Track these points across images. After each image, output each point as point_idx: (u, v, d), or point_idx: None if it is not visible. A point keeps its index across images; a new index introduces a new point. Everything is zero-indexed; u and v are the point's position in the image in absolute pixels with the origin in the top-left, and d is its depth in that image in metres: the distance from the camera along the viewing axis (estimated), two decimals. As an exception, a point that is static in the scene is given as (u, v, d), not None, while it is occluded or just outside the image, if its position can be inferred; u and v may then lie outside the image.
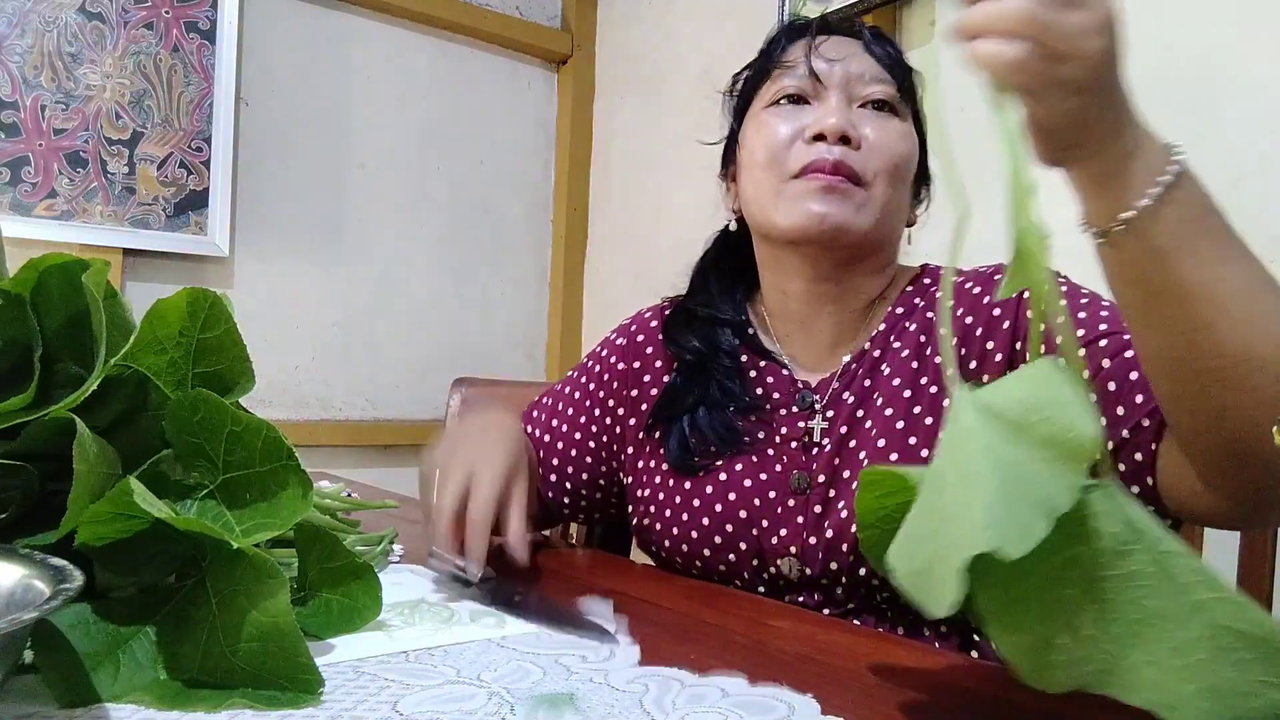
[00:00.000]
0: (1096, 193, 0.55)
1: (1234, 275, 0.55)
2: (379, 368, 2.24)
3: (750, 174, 0.85)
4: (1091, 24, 0.49)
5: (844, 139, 0.80)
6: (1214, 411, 0.58)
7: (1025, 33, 0.48)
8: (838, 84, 0.83)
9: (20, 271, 0.57)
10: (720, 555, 0.83)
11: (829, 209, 0.79)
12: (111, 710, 0.46)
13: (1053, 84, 0.49)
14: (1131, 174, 0.53)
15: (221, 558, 0.50)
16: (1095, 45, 0.49)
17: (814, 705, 0.50)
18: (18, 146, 1.76)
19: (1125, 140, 0.53)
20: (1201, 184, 0.55)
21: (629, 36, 2.48)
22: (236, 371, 0.61)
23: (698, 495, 0.85)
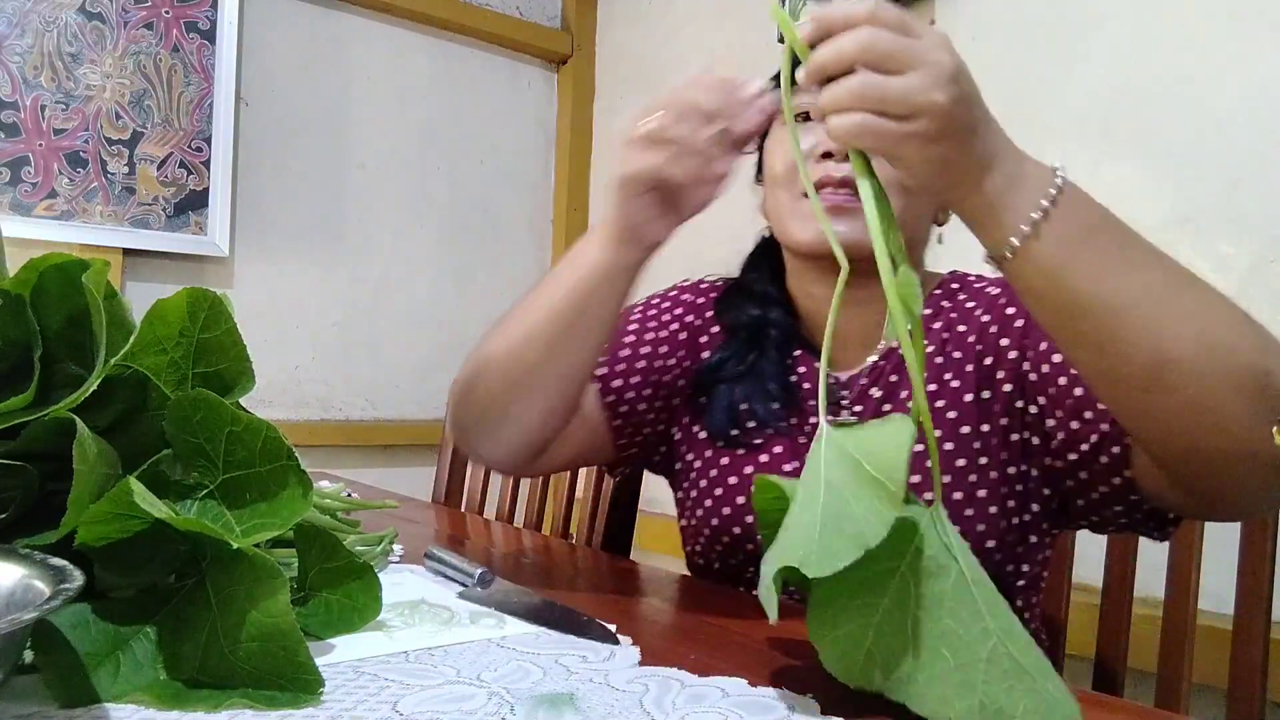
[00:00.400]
0: (981, 227, 0.59)
1: (1133, 285, 0.57)
2: (379, 368, 2.24)
3: (770, 189, 0.88)
4: (927, 81, 0.53)
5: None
6: (1144, 414, 0.61)
7: (862, 105, 0.54)
8: None
9: (20, 271, 0.57)
10: (749, 534, 0.84)
11: (839, 228, 0.79)
12: (111, 710, 0.46)
13: (906, 140, 0.54)
14: (1012, 204, 0.57)
15: (221, 558, 0.50)
16: (938, 98, 0.53)
17: (814, 705, 0.50)
18: (18, 146, 1.76)
19: (999, 174, 0.57)
20: (1088, 202, 0.59)
21: (629, 36, 2.48)
22: (236, 371, 0.61)
23: (736, 473, 0.86)
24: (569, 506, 1.34)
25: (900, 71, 0.53)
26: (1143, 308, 0.57)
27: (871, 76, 0.53)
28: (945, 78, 0.54)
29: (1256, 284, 1.31)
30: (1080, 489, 0.76)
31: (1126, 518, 0.74)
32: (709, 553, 0.88)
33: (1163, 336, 0.57)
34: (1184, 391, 0.58)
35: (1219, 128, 1.35)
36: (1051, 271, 0.57)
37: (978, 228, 0.59)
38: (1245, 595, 0.83)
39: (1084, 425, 0.73)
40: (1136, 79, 1.45)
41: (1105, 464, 0.72)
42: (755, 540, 0.83)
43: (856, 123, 0.54)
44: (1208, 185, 1.36)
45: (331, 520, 0.80)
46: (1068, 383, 0.74)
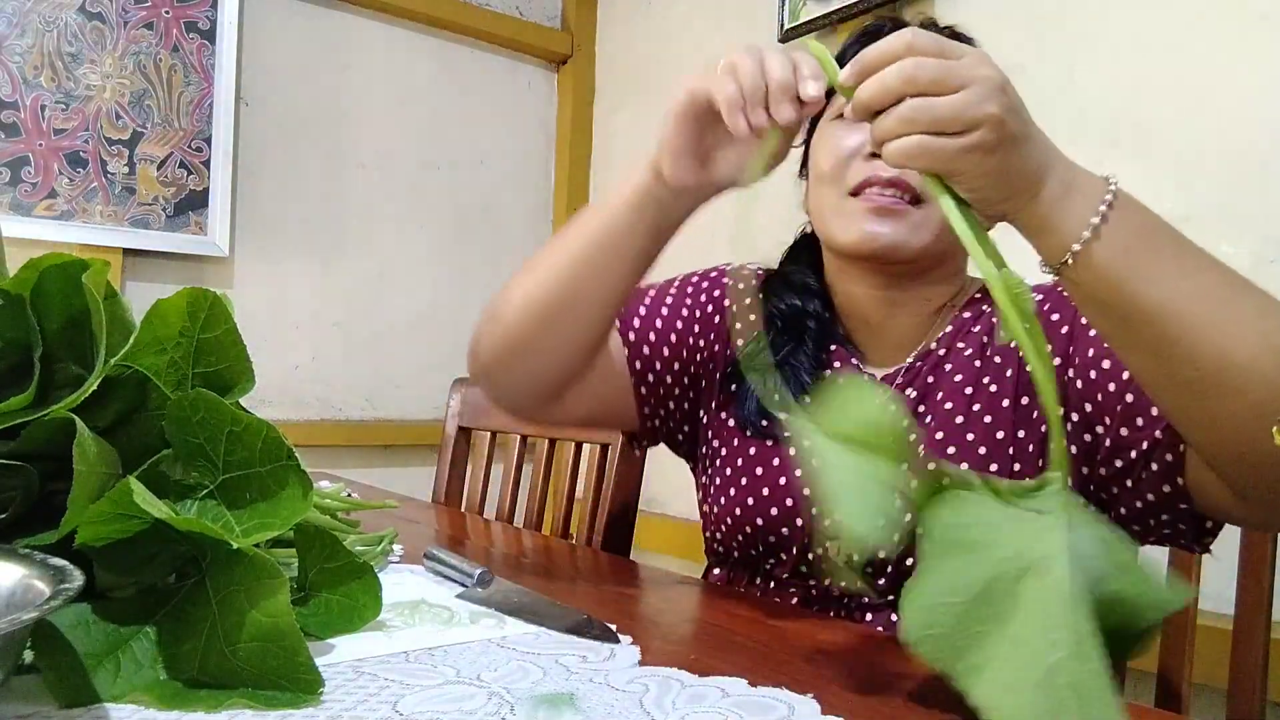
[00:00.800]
0: (1039, 235, 0.59)
1: (1193, 289, 0.57)
2: (379, 368, 2.24)
3: (816, 187, 0.87)
4: (977, 96, 0.54)
5: None
6: (1207, 420, 0.60)
7: (914, 129, 0.55)
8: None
9: (20, 271, 0.57)
10: (772, 528, 0.84)
11: (882, 229, 0.80)
12: (111, 710, 0.46)
13: (963, 154, 0.55)
14: (1068, 212, 0.57)
15: (221, 558, 0.50)
16: (990, 109, 0.54)
17: (814, 705, 0.50)
18: (18, 146, 1.76)
19: (1054, 182, 0.58)
20: (1142, 208, 0.58)
21: (629, 36, 2.48)
22: (236, 371, 0.61)
23: (763, 463, 0.86)
24: (569, 506, 1.34)
25: (948, 93, 0.54)
26: (1204, 311, 0.57)
27: (920, 100, 0.54)
28: (994, 89, 0.54)
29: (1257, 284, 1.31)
30: (1125, 497, 0.74)
31: (1170, 528, 0.72)
32: (729, 541, 0.88)
33: (1225, 339, 0.57)
34: (1248, 395, 0.57)
35: (1219, 128, 1.35)
36: (1111, 277, 0.57)
37: (1035, 236, 0.59)
38: (1245, 595, 0.83)
39: (1134, 432, 0.71)
40: (1137, 79, 1.45)
41: (1156, 471, 0.70)
42: (778, 532, 0.83)
43: (913, 144, 0.55)
44: (1208, 185, 1.36)
45: (331, 520, 0.80)
46: (1117, 389, 0.72)
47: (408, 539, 0.91)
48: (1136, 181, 1.63)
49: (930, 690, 0.56)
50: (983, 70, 0.55)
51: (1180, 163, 1.39)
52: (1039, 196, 0.57)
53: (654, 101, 2.38)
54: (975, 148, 0.54)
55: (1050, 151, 0.58)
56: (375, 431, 2.21)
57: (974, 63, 0.55)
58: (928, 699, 0.54)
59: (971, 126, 0.54)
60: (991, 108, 0.54)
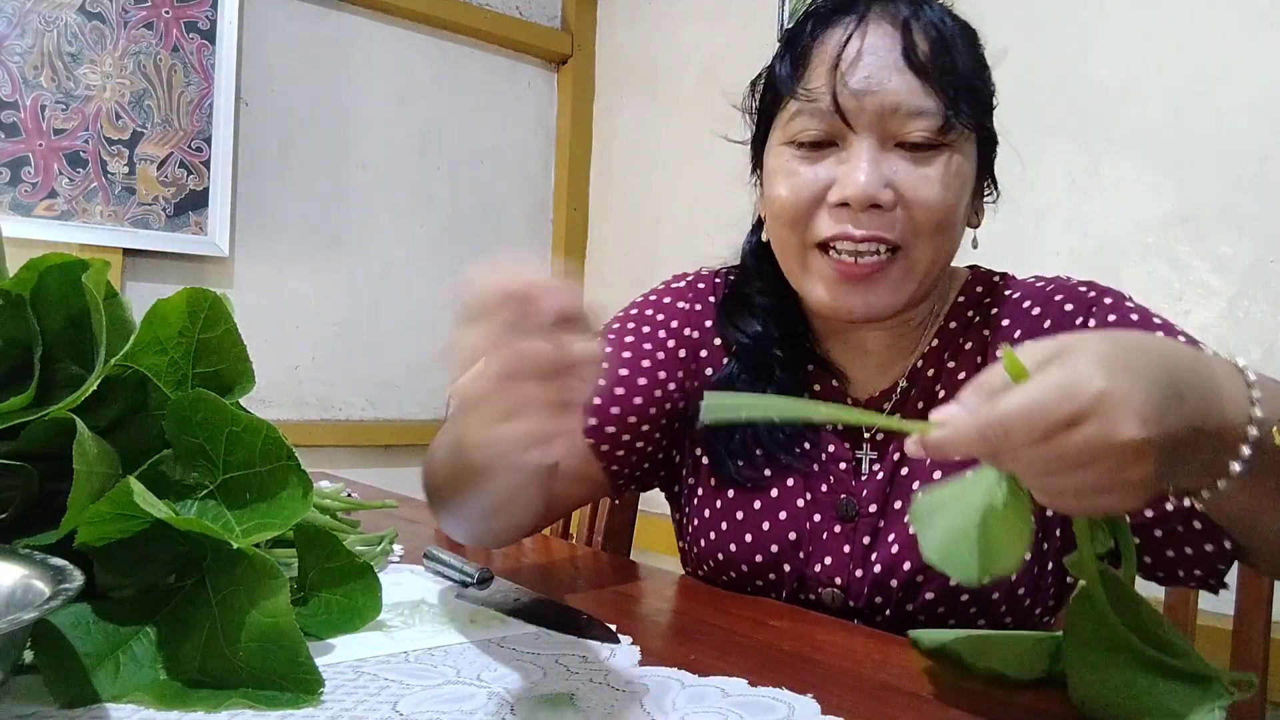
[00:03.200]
0: (1177, 484, 0.51)
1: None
2: (379, 368, 2.24)
3: (773, 226, 0.76)
4: (1112, 465, 0.43)
5: (875, 204, 0.69)
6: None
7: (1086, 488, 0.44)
8: (868, 124, 0.69)
9: (20, 271, 0.57)
10: (760, 574, 0.78)
11: (857, 301, 0.71)
12: (111, 710, 0.46)
13: (1128, 500, 0.46)
14: (1214, 460, 0.48)
15: (221, 558, 0.50)
16: (1133, 474, 0.44)
17: (814, 705, 0.50)
18: (18, 146, 1.76)
19: (1201, 449, 0.47)
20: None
21: (629, 36, 2.48)
22: (236, 371, 0.61)
23: (744, 507, 0.79)
24: (569, 506, 1.34)
25: (1087, 465, 0.43)
26: None
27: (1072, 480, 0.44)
28: (1140, 451, 0.43)
29: (1256, 284, 1.31)
30: (1151, 546, 0.69)
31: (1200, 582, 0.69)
32: (713, 582, 0.83)
33: None
34: None
35: (1219, 128, 1.35)
36: (1245, 503, 0.52)
37: (1172, 485, 0.52)
38: (1245, 595, 0.83)
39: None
40: (1138, 78, 1.45)
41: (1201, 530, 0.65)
42: (765, 578, 0.78)
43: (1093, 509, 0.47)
44: (1208, 185, 1.36)
45: (331, 520, 0.80)
46: None
47: (408, 539, 0.90)
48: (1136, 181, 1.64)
49: (930, 690, 0.56)
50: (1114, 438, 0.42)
51: (1180, 163, 1.39)
52: (1190, 460, 0.48)
53: (654, 101, 2.38)
54: (1118, 508, 0.46)
55: (1200, 401, 0.46)
56: (375, 431, 2.20)
57: (1098, 438, 0.42)
58: (928, 699, 0.54)
59: (1122, 486, 0.44)
60: (1133, 473, 0.43)
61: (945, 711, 0.52)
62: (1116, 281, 0.78)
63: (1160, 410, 0.43)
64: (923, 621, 0.73)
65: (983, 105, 0.75)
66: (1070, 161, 1.51)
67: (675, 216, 2.29)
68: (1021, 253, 1.52)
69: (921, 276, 0.72)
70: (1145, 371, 0.44)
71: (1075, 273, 0.77)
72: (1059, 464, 0.43)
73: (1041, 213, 1.52)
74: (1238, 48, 1.34)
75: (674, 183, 2.30)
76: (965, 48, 0.73)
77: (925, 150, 0.70)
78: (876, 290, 0.70)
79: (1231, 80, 1.34)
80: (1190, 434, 0.45)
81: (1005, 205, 0.85)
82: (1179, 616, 0.85)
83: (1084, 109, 1.50)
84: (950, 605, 0.73)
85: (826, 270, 0.72)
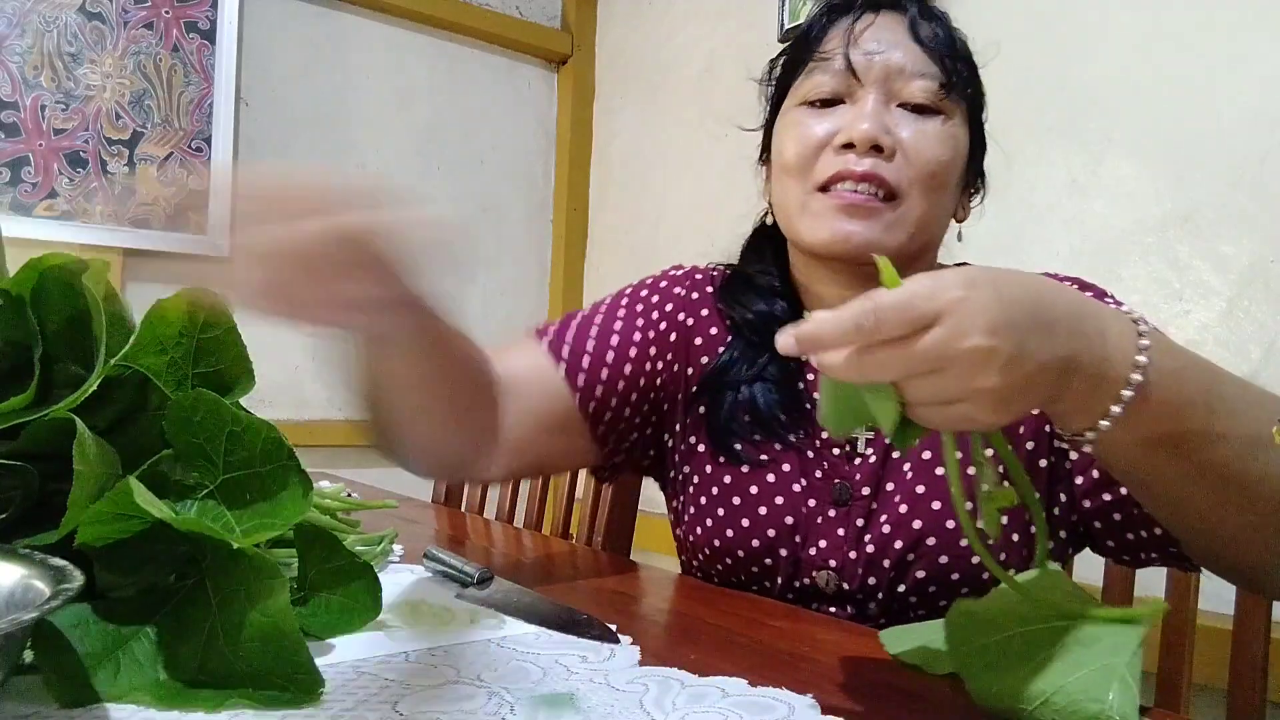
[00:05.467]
0: (1060, 420, 0.53)
1: (1215, 457, 0.54)
2: (379, 368, 2.24)
3: (779, 179, 0.81)
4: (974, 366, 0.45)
5: (876, 147, 0.75)
6: (1203, 549, 0.64)
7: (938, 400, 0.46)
8: (876, 80, 0.76)
9: (20, 271, 0.57)
10: (755, 559, 0.80)
11: (854, 228, 0.74)
12: (111, 710, 0.46)
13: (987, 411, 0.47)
14: (1094, 404, 0.51)
15: (221, 558, 0.50)
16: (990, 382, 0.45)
17: (814, 705, 0.50)
18: (18, 146, 1.76)
19: (1079, 378, 0.50)
20: (1177, 372, 0.52)
21: (629, 36, 2.48)
22: (236, 371, 0.61)
23: (740, 492, 0.81)
24: (569, 506, 1.34)
25: (940, 370, 0.45)
26: (1229, 473, 0.55)
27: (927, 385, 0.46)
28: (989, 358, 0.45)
29: (1256, 284, 1.31)
30: (1113, 531, 0.73)
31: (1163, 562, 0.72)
32: (709, 569, 0.84)
33: (1249, 496, 0.55)
34: (1262, 538, 0.58)
35: (1219, 128, 1.35)
36: (1133, 454, 0.54)
37: (1057, 421, 0.53)
38: (1245, 595, 0.83)
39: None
40: (1138, 78, 1.45)
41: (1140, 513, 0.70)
42: (761, 563, 0.79)
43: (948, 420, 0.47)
44: (1208, 185, 1.36)
45: (331, 520, 0.80)
46: None
47: (408, 539, 0.90)
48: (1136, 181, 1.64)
49: (930, 690, 0.56)
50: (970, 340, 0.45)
51: (1180, 162, 1.39)
52: (1064, 396, 0.50)
53: (654, 101, 2.38)
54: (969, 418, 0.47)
55: (1077, 335, 0.49)
56: (375, 431, 2.20)
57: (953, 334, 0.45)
58: (927, 699, 0.54)
59: (965, 399, 0.46)
60: (992, 380, 0.45)
61: (945, 711, 0.52)
62: (1116, 281, 0.78)
63: (1014, 326, 0.46)
64: (914, 601, 0.76)
65: (975, 92, 0.81)
66: (1070, 161, 1.51)
67: (675, 216, 2.29)
68: (1021, 253, 1.52)
69: (912, 229, 0.76)
70: (1009, 292, 0.47)
71: (1075, 273, 0.77)
72: (917, 364, 0.45)
73: (1041, 213, 1.52)
74: (1237, 48, 1.34)
75: (674, 183, 2.30)
76: (962, 45, 0.81)
77: (925, 112, 0.77)
78: (872, 226, 0.75)
79: (1231, 80, 1.34)
80: (1062, 365, 0.48)
81: (1005, 205, 0.86)
82: (1179, 616, 0.86)
83: (1084, 109, 1.50)
84: (941, 584, 0.74)
85: (826, 206, 0.76)
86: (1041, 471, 0.76)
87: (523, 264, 2.50)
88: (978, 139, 0.82)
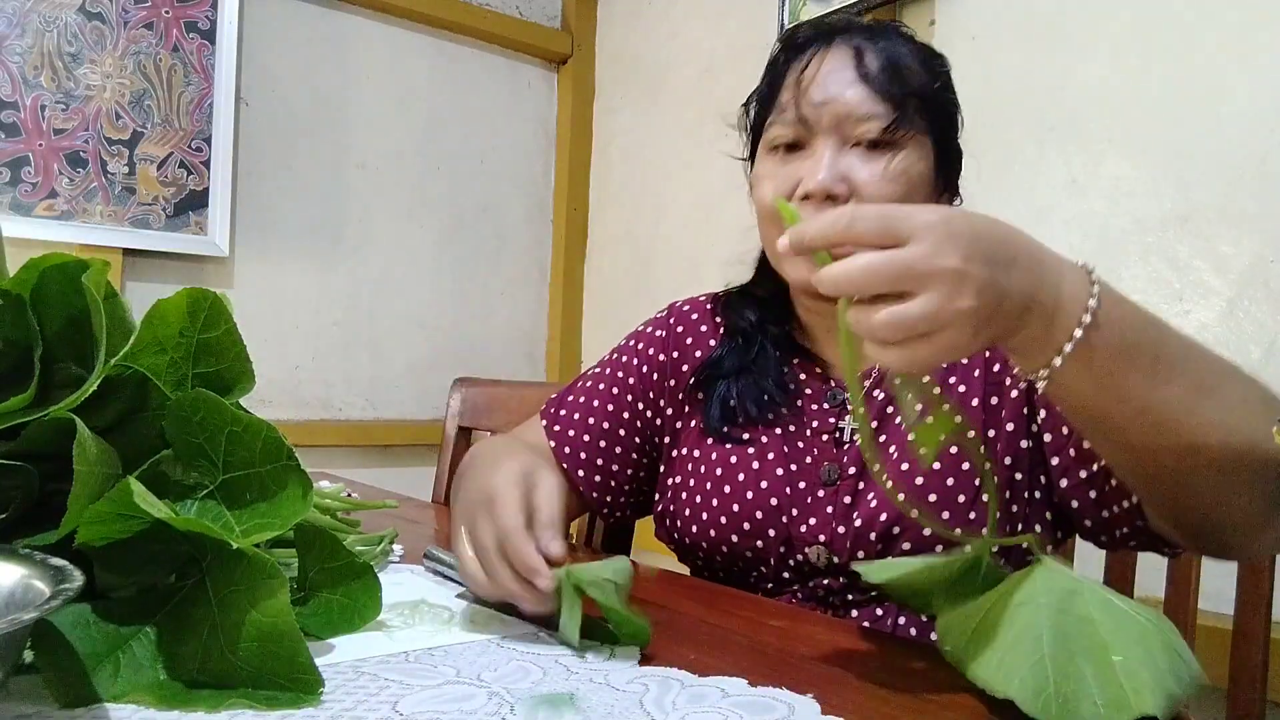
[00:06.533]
0: (1018, 356, 0.57)
1: (1165, 397, 0.57)
2: (379, 368, 2.24)
3: (759, 223, 0.87)
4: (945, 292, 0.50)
5: (831, 196, 0.79)
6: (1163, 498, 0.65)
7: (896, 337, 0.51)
8: (827, 128, 0.80)
9: (20, 271, 0.57)
10: (749, 541, 0.84)
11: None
12: (111, 710, 0.46)
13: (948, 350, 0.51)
14: (1048, 341, 0.55)
15: (221, 558, 0.50)
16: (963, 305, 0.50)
17: (814, 705, 0.50)
18: (18, 146, 1.76)
19: (1036, 316, 0.54)
20: (1121, 319, 0.56)
21: (629, 36, 2.48)
22: (236, 371, 0.61)
23: (730, 481, 0.85)
24: (569, 506, 1.34)
25: (913, 292, 0.50)
26: (1173, 417, 0.58)
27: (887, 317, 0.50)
28: (962, 280, 0.50)
29: (1256, 284, 1.31)
30: (1091, 508, 0.76)
31: (1135, 539, 0.74)
32: (710, 562, 0.88)
33: (1191, 442, 0.58)
34: (1207, 488, 0.61)
35: (1219, 128, 1.35)
36: (1084, 394, 0.57)
37: (1014, 356, 0.57)
38: (1245, 595, 0.83)
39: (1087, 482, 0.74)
40: (1137, 78, 1.45)
41: (1115, 487, 0.72)
42: (755, 545, 0.83)
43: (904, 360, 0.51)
44: (1208, 185, 1.36)
45: (331, 520, 0.80)
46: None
47: (408, 539, 0.90)
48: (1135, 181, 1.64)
49: (930, 690, 0.56)
50: (941, 260, 0.49)
51: (1180, 162, 1.39)
52: (1019, 332, 0.54)
53: (654, 101, 2.38)
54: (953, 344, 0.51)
55: (1033, 277, 0.53)
56: (375, 431, 2.21)
57: (927, 252, 0.49)
58: (928, 699, 0.54)
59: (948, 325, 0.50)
60: (964, 302, 0.50)
61: (945, 711, 0.52)
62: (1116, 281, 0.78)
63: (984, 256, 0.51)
64: None
65: (937, 115, 0.83)
66: (1070, 161, 1.51)
67: (675, 216, 2.29)
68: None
69: None
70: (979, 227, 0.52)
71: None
72: (900, 272, 0.49)
73: (1041, 213, 1.52)
74: (1238, 48, 1.34)
75: (674, 183, 2.30)
76: (919, 67, 0.82)
77: (877, 148, 0.80)
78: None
79: (1231, 80, 1.34)
80: (1023, 299, 0.52)
81: (1005, 205, 0.86)
82: (1179, 616, 0.86)
83: (1084, 109, 1.50)
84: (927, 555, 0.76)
85: None
86: (1023, 453, 0.78)
87: (523, 264, 2.50)
88: (946, 154, 0.84)
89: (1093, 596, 0.51)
